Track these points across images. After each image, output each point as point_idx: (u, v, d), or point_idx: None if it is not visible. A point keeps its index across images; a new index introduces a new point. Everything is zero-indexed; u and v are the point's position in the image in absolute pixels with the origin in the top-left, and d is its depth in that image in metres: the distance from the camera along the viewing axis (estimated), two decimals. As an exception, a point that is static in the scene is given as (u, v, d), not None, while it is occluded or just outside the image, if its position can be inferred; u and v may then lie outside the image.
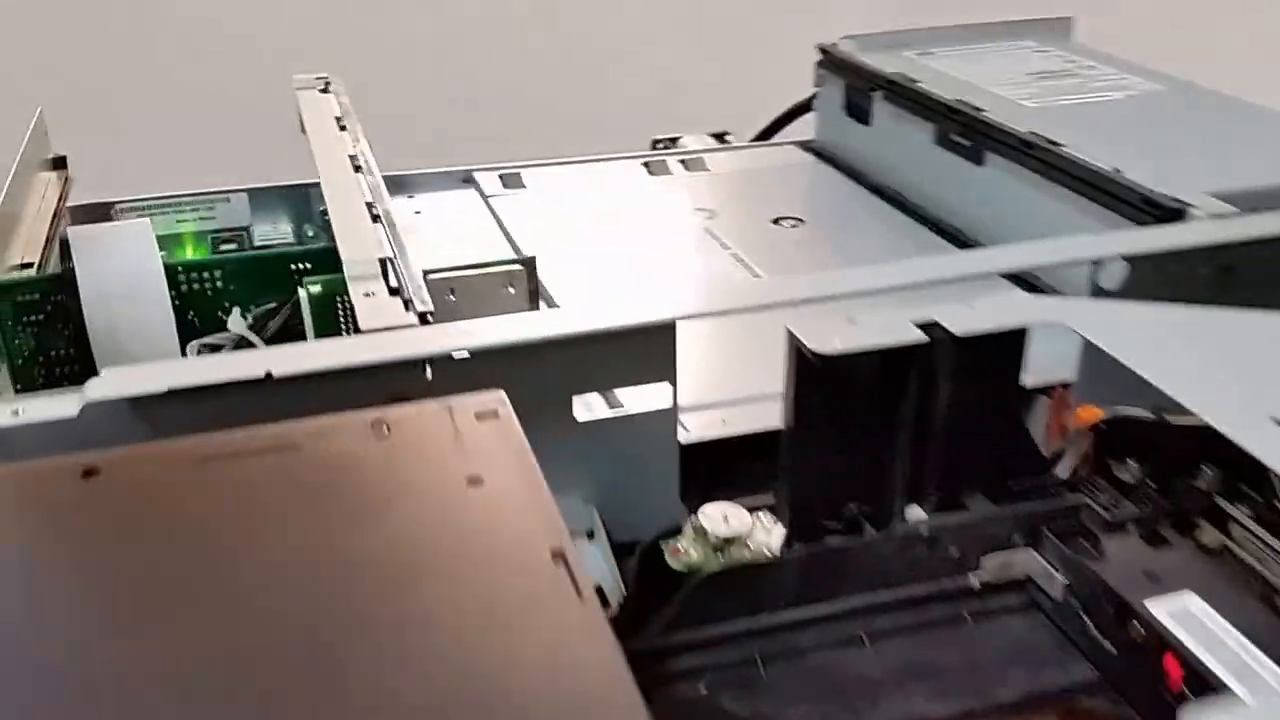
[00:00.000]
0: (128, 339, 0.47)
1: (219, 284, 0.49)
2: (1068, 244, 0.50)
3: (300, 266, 0.50)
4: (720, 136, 0.86)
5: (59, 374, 0.48)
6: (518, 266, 0.49)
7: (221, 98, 1.24)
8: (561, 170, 0.78)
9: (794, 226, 0.70)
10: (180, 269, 0.49)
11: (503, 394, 0.37)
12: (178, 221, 0.71)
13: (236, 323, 0.47)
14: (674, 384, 0.44)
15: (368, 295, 0.44)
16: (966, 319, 0.42)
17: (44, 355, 0.48)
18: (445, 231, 0.70)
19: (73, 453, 0.33)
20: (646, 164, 0.79)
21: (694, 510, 0.43)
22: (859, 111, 0.78)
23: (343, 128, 0.62)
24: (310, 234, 0.72)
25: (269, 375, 0.37)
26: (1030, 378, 0.43)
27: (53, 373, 0.48)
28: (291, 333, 0.48)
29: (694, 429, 0.48)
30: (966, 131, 0.66)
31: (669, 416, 0.45)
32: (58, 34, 1.26)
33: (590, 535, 0.43)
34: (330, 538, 0.30)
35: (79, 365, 0.48)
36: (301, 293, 0.47)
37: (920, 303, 0.43)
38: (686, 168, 0.79)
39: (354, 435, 0.34)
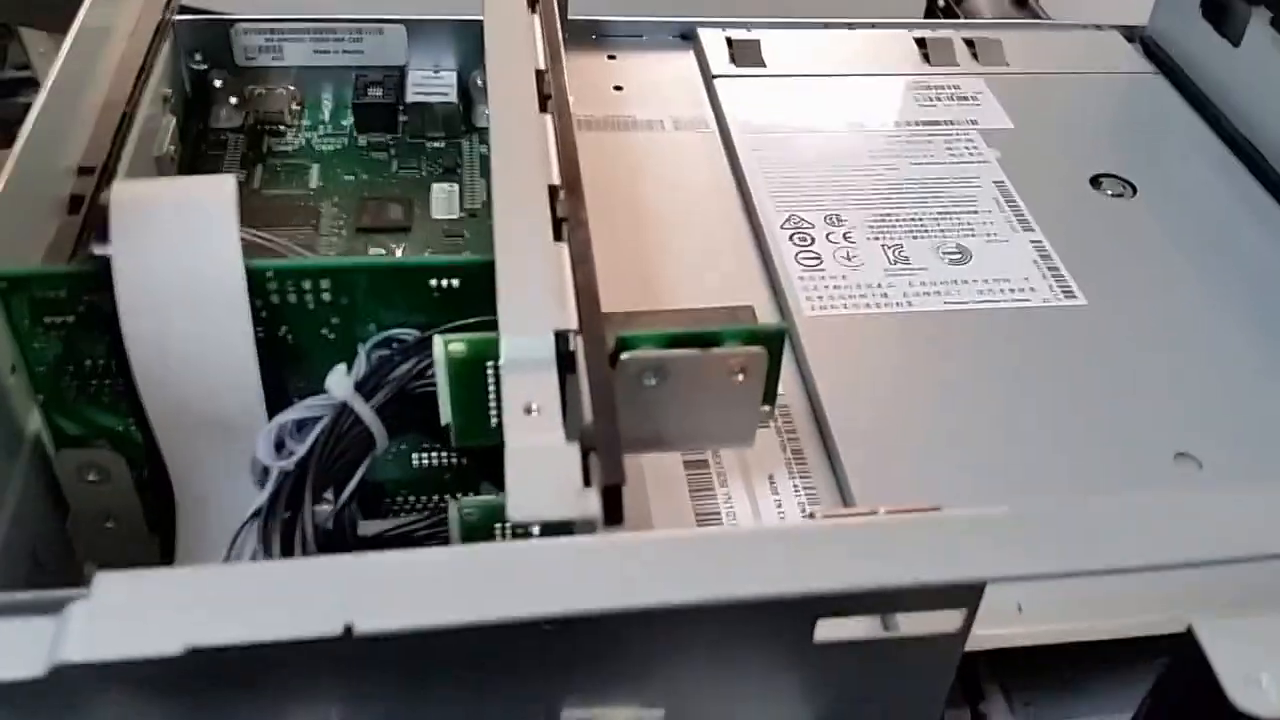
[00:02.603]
0: (185, 365, 0.33)
1: (325, 296, 0.34)
2: None
3: (444, 284, 0.34)
4: (1022, 1, 0.65)
5: (95, 387, 0.34)
6: (756, 349, 0.33)
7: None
8: (811, 38, 0.59)
9: (1119, 195, 0.51)
10: (270, 276, 0.33)
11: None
12: (315, 53, 0.55)
13: (340, 383, 0.32)
14: (973, 610, 0.29)
15: (529, 412, 0.29)
16: None
17: (74, 364, 0.34)
18: (646, 140, 0.52)
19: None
20: (922, 41, 0.59)
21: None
22: (1223, 20, 0.56)
23: (534, 3, 0.44)
24: (480, 84, 0.56)
25: (349, 631, 0.23)
26: None
27: (87, 385, 0.34)
28: (417, 400, 0.33)
29: (979, 622, 0.33)
30: None
31: (955, 642, 0.30)
32: None
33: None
34: None
35: (124, 380, 0.34)
36: (437, 350, 0.32)
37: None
38: (975, 54, 0.59)
39: None
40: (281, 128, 0.54)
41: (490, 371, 0.32)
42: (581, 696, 0.27)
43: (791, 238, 0.46)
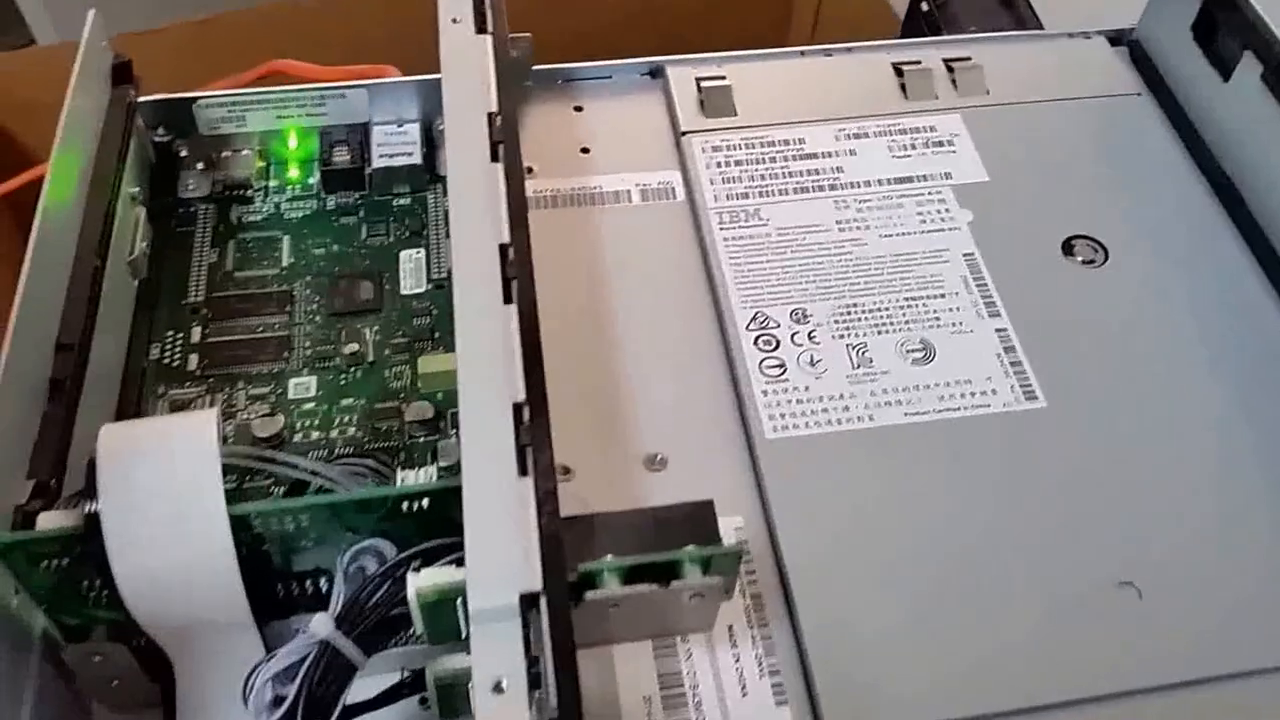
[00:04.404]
0: (173, 592, 0.35)
1: (304, 524, 0.36)
2: None
3: (414, 506, 0.36)
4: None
5: (93, 597, 0.36)
6: (713, 580, 0.35)
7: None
8: (785, 71, 0.58)
9: (1090, 263, 0.51)
10: (255, 518, 0.35)
11: None
12: (278, 118, 0.55)
13: (323, 625, 0.34)
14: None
15: (499, 689, 0.31)
16: None
17: (72, 588, 0.36)
18: (613, 219, 0.52)
19: None
20: (899, 70, 0.58)
21: None
22: (1213, 49, 0.54)
23: (496, 149, 0.43)
24: (441, 127, 0.55)
25: None
26: None
27: (85, 597, 0.36)
28: (395, 618, 0.35)
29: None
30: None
31: None
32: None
33: None
34: None
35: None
36: (410, 591, 0.34)
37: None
38: (954, 81, 0.58)
39: None
40: (250, 192, 0.54)
41: (460, 604, 0.34)
42: None
43: (757, 341, 0.47)
